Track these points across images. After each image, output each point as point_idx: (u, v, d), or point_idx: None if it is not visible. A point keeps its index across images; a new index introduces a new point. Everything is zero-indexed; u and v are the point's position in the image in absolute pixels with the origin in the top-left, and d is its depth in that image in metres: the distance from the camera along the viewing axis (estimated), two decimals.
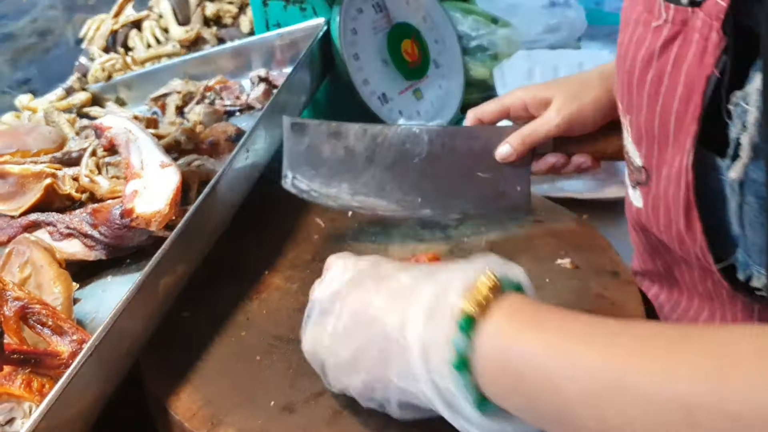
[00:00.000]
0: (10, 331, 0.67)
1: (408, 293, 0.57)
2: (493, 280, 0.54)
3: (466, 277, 0.54)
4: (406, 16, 1.32)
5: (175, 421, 0.71)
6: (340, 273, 0.65)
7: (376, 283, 0.61)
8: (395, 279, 0.60)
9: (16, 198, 0.99)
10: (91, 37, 1.65)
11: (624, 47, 0.74)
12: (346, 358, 0.61)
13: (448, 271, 0.56)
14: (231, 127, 1.09)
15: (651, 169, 0.74)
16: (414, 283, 0.58)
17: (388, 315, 0.57)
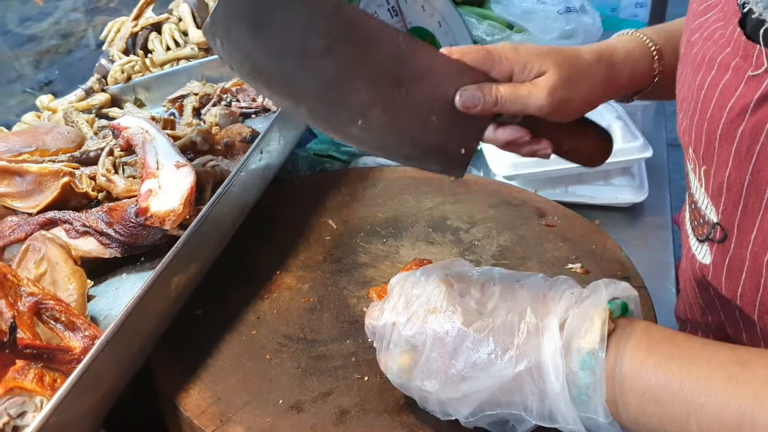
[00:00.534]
0: (23, 326, 0.69)
1: (533, 333, 0.61)
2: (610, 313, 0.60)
3: (599, 314, 0.59)
4: (422, 21, 1.33)
5: (185, 417, 0.71)
6: (423, 304, 0.65)
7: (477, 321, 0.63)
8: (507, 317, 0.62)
9: (34, 196, 1.00)
10: (111, 39, 1.66)
11: (703, 91, 0.66)
12: (459, 398, 0.63)
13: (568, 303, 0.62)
14: (246, 129, 1.10)
15: (731, 228, 0.67)
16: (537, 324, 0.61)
17: (515, 358, 0.60)
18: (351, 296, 0.87)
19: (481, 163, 1.23)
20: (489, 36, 1.41)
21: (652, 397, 0.56)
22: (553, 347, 0.59)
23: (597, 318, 0.59)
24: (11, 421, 0.63)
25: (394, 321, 0.65)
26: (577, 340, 0.59)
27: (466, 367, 0.61)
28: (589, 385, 0.58)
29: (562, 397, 0.58)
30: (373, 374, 0.74)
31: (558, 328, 0.60)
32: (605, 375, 0.57)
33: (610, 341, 0.58)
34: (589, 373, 0.58)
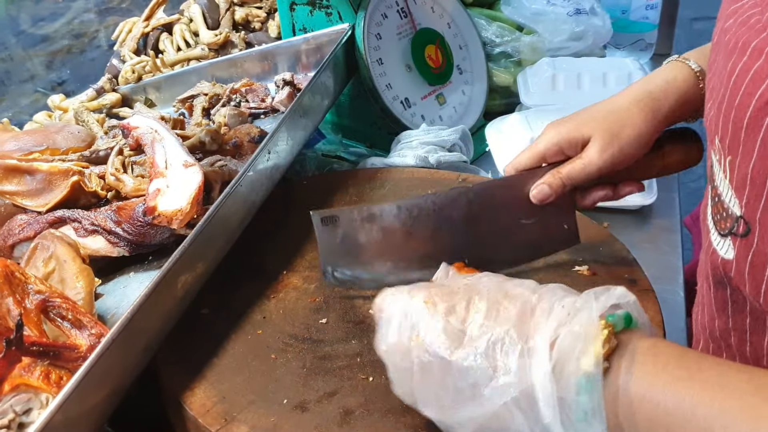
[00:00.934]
0: (30, 324, 0.69)
1: (522, 355, 0.57)
2: (611, 329, 0.56)
3: (585, 332, 0.55)
4: (431, 22, 1.33)
5: (189, 416, 0.72)
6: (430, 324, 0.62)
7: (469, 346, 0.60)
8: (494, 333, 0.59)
9: (44, 194, 1.01)
10: (122, 40, 1.68)
11: (733, 77, 0.64)
12: (456, 424, 0.61)
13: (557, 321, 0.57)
14: (254, 129, 1.11)
15: (754, 222, 0.63)
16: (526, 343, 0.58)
17: (505, 379, 0.57)
18: (357, 296, 0.87)
19: (489, 164, 1.23)
20: (498, 38, 1.41)
21: (661, 423, 0.53)
22: (542, 372, 0.55)
23: (591, 337, 0.55)
24: (17, 417, 0.64)
25: (384, 349, 0.65)
26: (571, 362, 0.55)
27: (455, 397, 0.59)
28: (587, 410, 0.54)
29: (556, 425, 0.55)
30: (378, 375, 0.74)
31: (547, 349, 0.56)
32: (606, 399, 0.54)
33: (612, 361, 0.55)
34: (588, 398, 0.54)
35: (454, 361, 0.59)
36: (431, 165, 1.14)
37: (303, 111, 1.05)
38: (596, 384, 0.54)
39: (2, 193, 1.02)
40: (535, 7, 1.50)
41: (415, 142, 1.18)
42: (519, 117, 1.21)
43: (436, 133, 1.19)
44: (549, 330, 0.57)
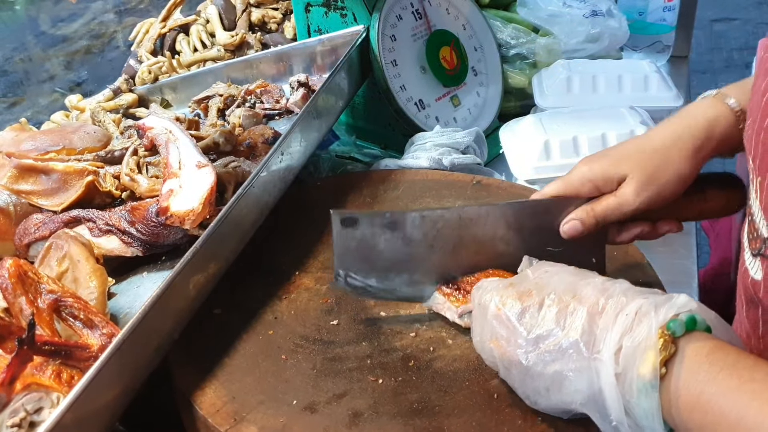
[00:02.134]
0: (42, 323, 0.70)
1: (588, 362, 0.62)
2: (667, 336, 0.58)
3: (644, 344, 0.59)
4: (446, 24, 1.33)
5: (199, 416, 0.72)
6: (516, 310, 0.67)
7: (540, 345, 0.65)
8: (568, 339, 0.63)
9: (59, 194, 1.02)
10: (140, 41, 1.69)
11: (765, 97, 0.64)
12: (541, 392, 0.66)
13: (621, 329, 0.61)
14: (268, 130, 1.11)
15: None
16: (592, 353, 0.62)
17: (579, 385, 0.62)
18: None
19: (503, 167, 1.23)
20: (513, 39, 1.41)
21: (710, 430, 0.56)
22: (608, 380, 0.60)
23: (649, 348, 0.58)
24: (28, 416, 0.64)
25: (474, 343, 0.72)
26: (632, 370, 0.59)
27: (534, 393, 0.66)
28: (648, 413, 0.58)
29: (623, 424, 0.60)
30: (388, 377, 0.75)
31: (612, 358, 0.60)
32: (664, 403, 0.58)
33: (670, 367, 0.58)
34: (647, 402, 0.58)
35: (530, 367, 0.64)
36: (445, 167, 1.14)
37: (317, 112, 1.06)
38: (654, 389, 0.57)
39: (19, 192, 1.03)
40: (551, 9, 1.50)
41: (428, 143, 1.17)
42: (533, 119, 1.20)
43: (450, 135, 1.19)
44: (614, 340, 0.60)
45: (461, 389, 0.73)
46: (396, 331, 0.81)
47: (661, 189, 0.77)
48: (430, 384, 0.74)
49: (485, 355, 0.70)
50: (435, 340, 0.79)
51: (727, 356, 0.57)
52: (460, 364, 0.76)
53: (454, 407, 0.70)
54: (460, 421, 0.69)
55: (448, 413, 0.70)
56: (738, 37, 4.41)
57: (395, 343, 0.79)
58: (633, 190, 0.77)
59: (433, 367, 0.76)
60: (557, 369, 0.63)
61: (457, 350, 0.78)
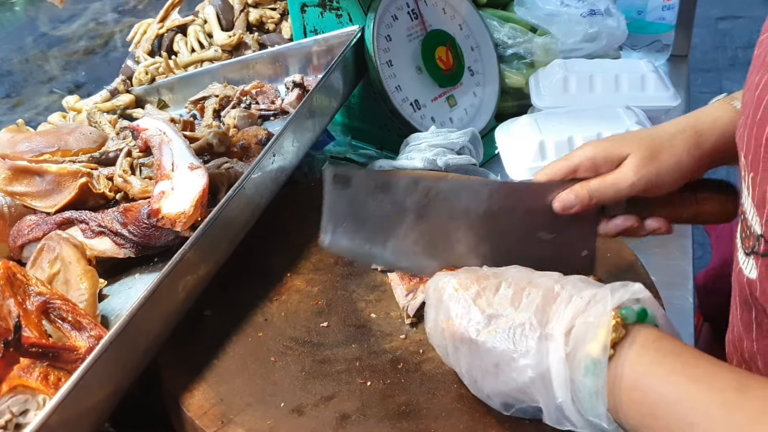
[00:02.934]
0: (30, 325, 0.70)
1: (540, 339, 0.62)
2: (620, 321, 0.60)
3: (605, 323, 0.59)
4: (442, 24, 1.32)
5: (187, 418, 0.72)
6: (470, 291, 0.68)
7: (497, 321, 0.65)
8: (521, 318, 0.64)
9: (53, 195, 1.02)
10: (137, 41, 1.69)
11: (757, 92, 0.64)
12: (486, 395, 0.67)
13: (573, 311, 0.62)
14: (262, 131, 1.11)
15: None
16: (543, 330, 0.62)
17: (526, 360, 0.62)
18: (360, 300, 0.87)
19: (499, 167, 1.22)
20: (510, 39, 1.40)
21: (648, 411, 0.56)
22: (557, 356, 0.60)
23: (601, 326, 0.59)
24: (14, 418, 0.65)
25: (427, 330, 0.73)
26: (582, 348, 0.59)
27: (483, 374, 0.65)
28: (592, 392, 0.59)
29: (568, 404, 0.60)
30: (376, 379, 0.74)
31: (563, 336, 0.60)
32: (609, 383, 0.58)
33: (618, 349, 0.59)
34: (593, 381, 0.59)
35: (481, 343, 0.64)
36: (439, 167, 1.14)
37: (310, 113, 1.05)
38: (601, 368, 0.58)
39: (13, 193, 1.03)
40: (549, 8, 1.49)
41: (423, 144, 1.17)
42: (528, 119, 1.20)
43: (445, 135, 1.18)
44: (566, 319, 0.61)
45: (449, 392, 0.72)
46: (386, 333, 0.81)
47: (661, 170, 0.77)
48: (418, 386, 0.73)
49: (437, 340, 0.70)
50: (425, 343, 0.79)
51: (674, 345, 0.59)
52: (449, 367, 0.75)
53: (442, 410, 0.70)
54: (448, 424, 0.69)
55: (435, 416, 0.70)
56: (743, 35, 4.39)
57: (385, 345, 0.79)
58: (632, 166, 0.77)
59: (422, 369, 0.76)
60: (508, 346, 0.63)
61: None
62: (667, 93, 1.31)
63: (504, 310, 0.65)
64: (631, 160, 0.77)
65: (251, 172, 0.90)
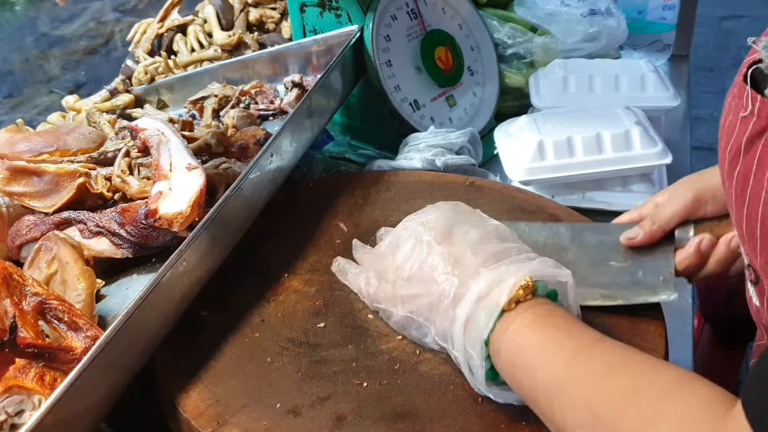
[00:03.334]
0: (26, 326, 0.70)
1: (471, 274, 0.70)
2: (531, 285, 0.66)
3: (515, 279, 0.66)
4: (442, 24, 1.32)
5: (183, 418, 0.72)
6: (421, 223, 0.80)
7: (449, 247, 0.74)
8: (466, 254, 0.72)
9: (51, 196, 1.02)
10: (137, 41, 1.69)
11: (721, 132, 0.66)
12: (401, 295, 0.75)
13: (506, 266, 0.69)
14: (260, 131, 1.11)
15: (757, 269, 0.65)
16: (478, 268, 0.70)
17: (448, 283, 0.70)
18: (357, 300, 0.87)
19: (498, 168, 1.22)
20: (510, 39, 1.40)
21: (516, 366, 0.64)
22: (474, 292, 0.68)
23: (512, 280, 0.66)
24: (9, 419, 0.65)
25: None
26: (493, 293, 0.66)
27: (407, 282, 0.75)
28: (481, 327, 0.65)
29: (460, 326, 0.67)
30: (373, 381, 0.74)
31: (485, 280, 0.68)
32: (497, 330, 0.65)
33: (519, 307, 0.66)
34: (486, 319, 0.65)
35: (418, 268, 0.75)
36: (438, 168, 1.14)
37: (309, 113, 1.05)
38: (497, 310, 0.65)
39: (11, 194, 1.03)
40: (549, 8, 1.49)
41: (422, 144, 1.17)
42: (527, 120, 1.20)
43: (444, 135, 1.18)
44: (486, 281, 0.68)
45: (446, 393, 0.72)
46: (383, 334, 0.81)
47: (708, 187, 0.84)
48: (415, 388, 0.73)
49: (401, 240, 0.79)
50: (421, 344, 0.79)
51: (565, 321, 0.65)
52: (446, 368, 0.75)
53: (438, 411, 0.70)
54: (444, 425, 0.68)
55: (431, 417, 0.70)
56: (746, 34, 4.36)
57: (381, 346, 0.79)
58: (683, 186, 0.85)
59: (419, 370, 0.75)
60: (438, 276, 0.72)
61: (444, 353, 0.77)
62: (667, 93, 1.31)
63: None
64: (682, 184, 0.87)
65: (249, 172, 0.90)
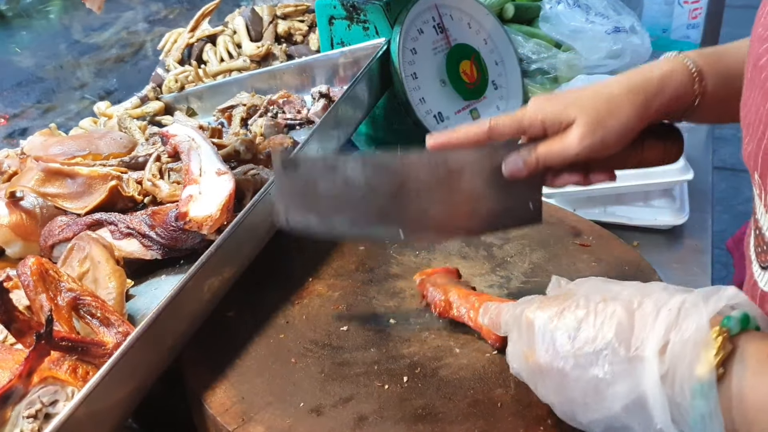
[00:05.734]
0: (61, 320, 0.72)
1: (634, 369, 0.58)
2: (723, 335, 0.54)
3: (695, 339, 0.54)
4: (467, 38, 1.34)
5: (209, 414, 0.74)
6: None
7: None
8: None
9: (83, 197, 1.05)
10: (168, 50, 1.73)
11: (764, 107, 0.63)
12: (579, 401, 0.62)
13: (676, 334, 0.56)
14: (288, 140, 1.14)
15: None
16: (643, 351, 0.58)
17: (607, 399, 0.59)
18: (380, 306, 0.89)
19: None
20: (535, 54, 1.42)
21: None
22: (652, 379, 0.56)
23: (703, 344, 0.54)
24: (43, 408, 0.67)
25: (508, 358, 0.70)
26: (683, 369, 0.55)
27: (573, 404, 0.62)
28: (705, 414, 0.54)
29: (668, 427, 0.56)
30: (394, 383, 0.76)
31: (656, 356, 0.56)
32: (723, 404, 0.54)
33: (728, 366, 0.54)
34: (704, 403, 0.54)
35: (566, 374, 0.61)
36: None
37: (335, 122, 1.08)
38: (711, 390, 0.53)
39: (45, 195, 1.06)
40: (574, 25, 1.50)
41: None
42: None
43: None
44: (657, 336, 0.56)
45: (465, 397, 0.74)
46: (404, 339, 0.82)
47: (606, 136, 0.76)
48: (435, 391, 0.75)
49: (524, 374, 0.67)
50: (442, 348, 0.80)
51: None
52: (466, 373, 0.77)
53: (458, 414, 0.71)
54: (463, 429, 0.70)
55: (451, 420, 0.71)
56: None
57: (403, 350, 0.81)
58: (577, 135, 0.76)
59: (439, 374, 0.77)
60: (594, 374, 0.59)
61: (464, 359, 0.79)
62: None
63: (583, 331, 0.61)
64: (576, 128, 0.76)
65: None
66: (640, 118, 0.77)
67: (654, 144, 0.82)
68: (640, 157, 0.81)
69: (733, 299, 0.56)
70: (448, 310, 0.82)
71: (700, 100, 0.79)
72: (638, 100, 0.76)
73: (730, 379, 0.53)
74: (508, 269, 0.95)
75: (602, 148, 0.76)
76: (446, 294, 0.83)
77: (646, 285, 0.63)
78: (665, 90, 0.78)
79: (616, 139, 0.76)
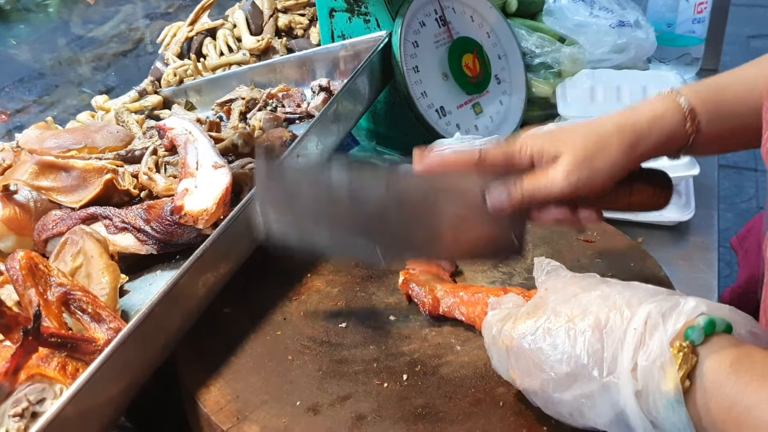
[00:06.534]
0: (50, 315, 0.70)
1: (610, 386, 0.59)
2: (687, 350, 0.56)
3: (661, 357, 0.56)
4: (470, 31, 1.32)
5: (203, 413, 0.72)
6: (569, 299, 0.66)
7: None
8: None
9: (78, 191, 1.03)
10: (167, 43, 1.71)
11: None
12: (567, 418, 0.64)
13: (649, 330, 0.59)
14: (287, 133, 1.12)
15: None
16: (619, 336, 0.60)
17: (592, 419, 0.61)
18: (379, 302, 0.87)
19: None
20: (538, 48, 1.40)
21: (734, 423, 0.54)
22: (630, 401, 0.58)
23: (668, 362, 0.56)
24: (30, 406, 0.65)
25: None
26: (654, 386, 0.57)
27: (561, 418, 0.65)
28: (678, 427, 0.56)
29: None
30: (393, 381, 0.74)
31: (629, 375, 0.58)
32: (693, 416, 0.56)
33: (694, 378, 0.56)
34: (677, 418, 0.56)
35: (549, 395, 0.63)
36: None
37: (335, 116, 1.06)
38: (680, 403, 0.56)
39: (39, 188, 1.04)
40: (578, 19, 1.48)
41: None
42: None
43: (470, 142, 1.18)
44: (627, 358, 0.58)
45: (466, 396, 0.72)
46: (404, 336, 0.80)
47: (592, 175, 0.75)
48: (435, 390, 0.73)
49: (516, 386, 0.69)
50: (443, 346, 0.79)
51: (754, 365, 0.55)
52: (467, 371, 0.75)
53: (459, 414, 0.70)
54: (464, 428, 0.68)
55: (452, 419, 0.69)
56: None
57: (403, 348, 0.79)
58: (564, 170, 0.75)
59: (440, 372, 0.75)
60: (575, 394, 0.61)
61: (465, 356, 0.77)
62: None
63: (559, 357, 0.62)
64: (563, 164, 0.75)
65: None
66: (628, 158, 0.76)
67: (643, 188, 0.81)
68: (628, 200, 0.81)
69: (694, 313, 0.58)
70: (436, 307, 0.81)
71: (695, 138, 0.78)
72: (626, 140, 0.76)
73: (696, 391, 0.55)
74: (511, 265, 0.93)
75: (589, 185, 0.75)
76: (432, 292, 0.82)
77: (611, 291, 0.64)
78: (652, 134, 0.77)
79: (603, 178, 0.76)
